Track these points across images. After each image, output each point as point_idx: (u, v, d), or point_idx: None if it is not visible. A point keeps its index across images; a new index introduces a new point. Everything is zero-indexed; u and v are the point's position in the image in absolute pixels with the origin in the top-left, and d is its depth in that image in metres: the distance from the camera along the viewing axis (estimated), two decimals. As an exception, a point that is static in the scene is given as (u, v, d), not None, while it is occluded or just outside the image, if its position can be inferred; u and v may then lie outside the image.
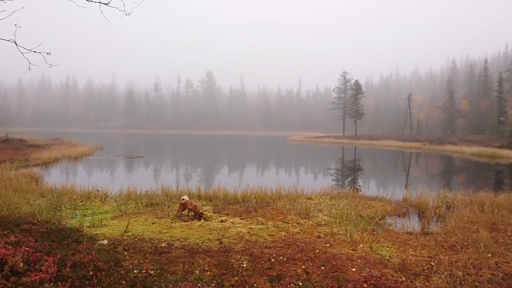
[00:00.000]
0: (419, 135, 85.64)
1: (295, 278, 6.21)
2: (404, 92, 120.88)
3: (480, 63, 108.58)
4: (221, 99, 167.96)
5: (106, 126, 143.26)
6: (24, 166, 25.17)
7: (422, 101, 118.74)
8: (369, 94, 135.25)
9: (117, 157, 36.58)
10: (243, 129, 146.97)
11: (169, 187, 14.84)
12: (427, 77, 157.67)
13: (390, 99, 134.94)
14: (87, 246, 7.38)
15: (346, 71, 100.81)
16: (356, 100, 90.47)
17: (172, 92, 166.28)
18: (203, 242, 8.28)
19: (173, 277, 6.04)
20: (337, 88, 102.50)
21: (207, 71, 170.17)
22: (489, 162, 38.94)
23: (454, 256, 7.57)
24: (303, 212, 11.63)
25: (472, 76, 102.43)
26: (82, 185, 15.31)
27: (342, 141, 76.01)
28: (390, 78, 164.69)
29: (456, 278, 6.32)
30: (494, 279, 6.36)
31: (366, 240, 8.80)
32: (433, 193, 14.98)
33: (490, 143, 55.08)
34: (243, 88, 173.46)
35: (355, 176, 28.70)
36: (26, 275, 5.13)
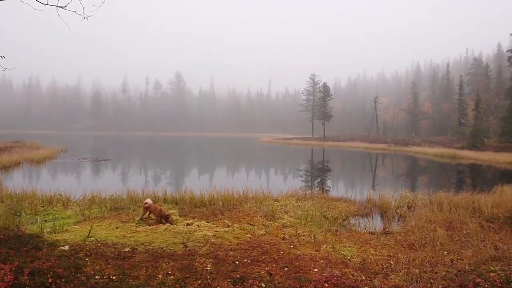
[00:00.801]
0: (385, 136, 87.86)
1: (258, 279, 6.28)
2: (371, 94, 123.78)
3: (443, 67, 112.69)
4: (191, 100, 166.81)
5: (72, 128, 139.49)
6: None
7: (388, 103, 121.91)
8: (337, 96, 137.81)
9: (82, 160, 35.67)
10: (213, 130, 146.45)
11: (134, 191, 14.62)
12: (393, 80, 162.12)
13: (358, 101, 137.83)
14: (47, 253, 7.20)
15: (314, 74, 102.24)
16: (325, 102, 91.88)
17: (140, 93, 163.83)
18: (168, 246, 8.23)
19: (135, 282, 5.99)
20: (306, 91, 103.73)
21: (176, 72, 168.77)
22: (451, 163, 40.43)
23: (412, 254, 7.86)
24: (269, 214, 11.72)
25: (435, 79, 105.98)
26: (44, 190, 14.85)
27: (311, 143, 76.97)
28: (357, 80, 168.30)
29: (412, 276, 6.57)
30: (448, 275, 6.63)
31: (329, 240, 8.98)
32: (395, 193, 15.42)
33: (451, 144, 57.21)
34: (213, 90, 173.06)
35: (324, 177, 29.15)
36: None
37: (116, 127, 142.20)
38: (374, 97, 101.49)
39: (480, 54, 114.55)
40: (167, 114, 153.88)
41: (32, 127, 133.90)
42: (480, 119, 54.92)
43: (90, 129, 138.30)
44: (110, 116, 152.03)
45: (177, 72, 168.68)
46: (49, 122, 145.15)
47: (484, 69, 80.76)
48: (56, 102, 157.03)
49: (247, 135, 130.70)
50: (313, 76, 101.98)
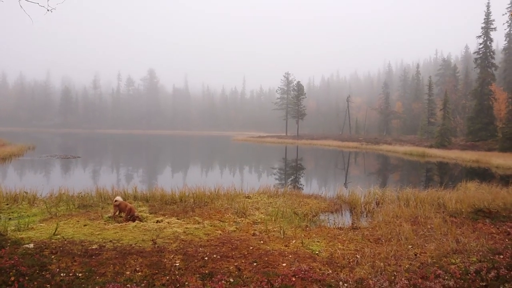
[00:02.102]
0: (357, 135, 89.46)
1: (227, 275, 6.32)
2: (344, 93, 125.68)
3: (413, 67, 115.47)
4: (164, 98, 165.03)
5: (40, 125, 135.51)
6: None
7: (361, 102, 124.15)
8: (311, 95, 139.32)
9: (50, 157, 34.75)
10: (187, 128, 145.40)
11: (104, 188, 14.38)
12: (366, 80, 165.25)
13: (331, 100, 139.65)
14: (10, 251, 7.02)
15: (288, 72, 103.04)
16: (298, 101, 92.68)
17: (112, 90, 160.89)
18: (137, 243, 8.15)
19: (102, 279, 5.93)
20: (280, 89, 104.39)
21: (150, 69, 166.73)
22: (420, 161, 41.54)
23: (378, 248, 8.07)
24: (240, 211, 11.78)
25: (406, 79, 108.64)
26: (8, 187, 14.39)
27: (285, 141, 77.48)
28: (331, 80, 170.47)
29: (377, 268, 6.74)
30: (411, 268, 6.85)
31: (298, 236, 9.11)
32: (365, 190, 15.75)
33: (421, 143, 58.86)
34: (187, 87, 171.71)
35: (297, 175, 29.41)
36: None
37: (86, 125, 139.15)
38: (347, 97, 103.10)
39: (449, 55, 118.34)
40: (139, 112, 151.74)
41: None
42: (448, 118, 56.69)
43: (60, 127, 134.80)
44: (80, 113, 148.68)
45: (150, 69, 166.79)
46: (16, 119, 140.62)
47: (452, 70, 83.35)
48: (23, 98, 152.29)
49: (221, 133, 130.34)
50: (287, 75, 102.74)
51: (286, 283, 5.94)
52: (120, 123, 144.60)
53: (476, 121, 54.79)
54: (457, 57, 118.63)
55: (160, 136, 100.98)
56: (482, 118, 54.26)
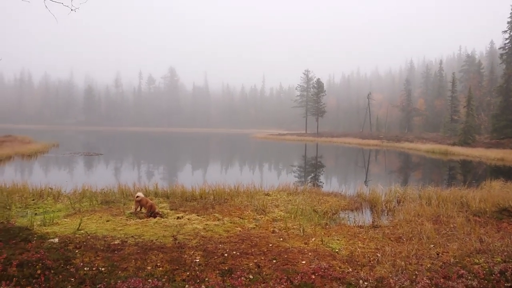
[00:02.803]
0: (378, 133, 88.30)
1: (247, 271, 6.35)
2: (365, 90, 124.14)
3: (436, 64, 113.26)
4: (184, 96, 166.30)
5: (64, 123, 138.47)
6: (-27, 164, 24.03)
7: (382, 99, 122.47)
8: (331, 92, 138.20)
9: (74, 154, 35.52)
10: (207, 126, 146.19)
11: (126, 185, 14.63)
12: (387, 77, 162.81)
13: (351, 97, 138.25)
14: (37, 245, 7.22)
15: (308, 70, 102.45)
16: (318, 98, 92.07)
17: (133, 88, 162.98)
18: (158, 239, 8.27)
19: (124, 274, 6.03)
20: (300, 86, 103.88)
21: (170, 67, 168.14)
22: (442, 159, 40.76)
23: (399, 247, 7.97)
24: (260, 208, 11.82)
25: (428, 76, 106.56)
26: (34, 183, 14.82)
27: (305, 139, 77.14)
28: (351, 77, 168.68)
29: (398, 267, 6.67)
30: (433, 267, 6.75)
31: (318, 234, 9.08)
32: (385, 188, 15.57)
33: (443, 141, 57.70)
34: (206, 85, 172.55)
35: (316, 173, 29.29)
36: (-32, 275, 5.00)
37: (108, 123, 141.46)
38: (367, 94, 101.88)
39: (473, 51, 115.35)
40: (160, 110, 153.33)
41: (24, 122, 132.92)
42: (472, 116, 55.37)
43: (82, 124, 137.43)
44: (102, 111, 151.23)
45: (171, 67, 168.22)
46: (41, 117, 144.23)
47: (477, 66, 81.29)
48: (48, 97, 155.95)
49: (241, 131, 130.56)
50: (307, 72, 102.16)
51: (305, 280, 5.94)
52: (141, 121, 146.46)
53: (501, 118, 53.31)
54: (482, 53, 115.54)
55: (180, 134, 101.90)
56: (508, 115, 52.74)
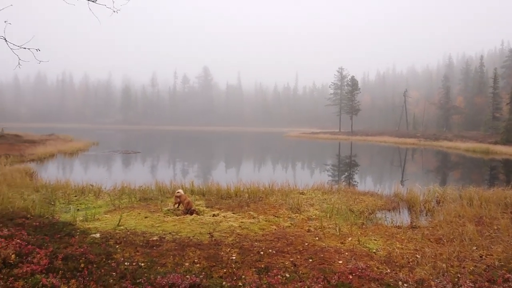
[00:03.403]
0: (415, 131, 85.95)
1: (283, 270, 6.36)
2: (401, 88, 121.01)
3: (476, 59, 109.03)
4: (218, 95, 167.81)
5: (103, 122, 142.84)
6: (19, 161, 25.19)
7: (418, 97, 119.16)
8: (365, 90, 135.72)
9: (112, 152, 36.62)
10: (240, 125, 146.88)
11: (163, 182, 14.96)
12: (424, 73, 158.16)
13: (387, 95, 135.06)
14: (80, 240, 7.50)
15: (342, 67, 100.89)
16: (352, 96, 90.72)
17: (169, 88, 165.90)
18: (195, 236, 8.41)
19: (163, 269, 6.17)
20: (333, 84, 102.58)
21: (204, 67, 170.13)
22: (483, 158, 39.23)
23: (439, 249, 7.75)
24: (294, 207, 11.78)
25: (468, 72, 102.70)
26: (76, 180, 15.42)
27: (338, 137, 76.21)
28: (387, 74, 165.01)
29: (439, 269, 6.48)
30: (476, 270, 6.52)
31: (354, 233, 8.96)
32: (423, 188, 15.16)
33: (484, 139, 55.45)
34: (240, 84, 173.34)
35: (351, 172, 28.89)
36: (18, 266, 5.25)
37: (145, 121, 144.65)
38: (404, 91, 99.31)
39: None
40: (194, 109, 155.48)
41: (66, 121, 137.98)
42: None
43: (120, 123, 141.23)
44: (139, 110, 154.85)
45: (205, 66, 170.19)
46: (82, 116, 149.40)
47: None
48: (88, 97, 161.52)
49: (274, 129, 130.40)
50: (341, 70, 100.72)
51: (343, 280, 5.87)
52: (176, 119, 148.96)
53: (547, 116, 50.71)
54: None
55: (214, 132, 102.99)
56: (555, 112, 50.13)
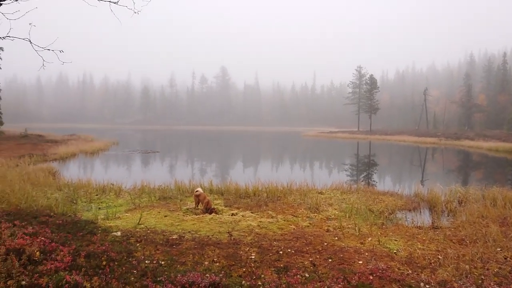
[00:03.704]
0: (435, 130, 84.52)
1: (302, 269, 6.33)
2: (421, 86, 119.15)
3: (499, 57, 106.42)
4: (236, 94, 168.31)
5: (122, 122, 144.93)
6: (42, 160, 25.79)
7: (439, 95, 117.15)
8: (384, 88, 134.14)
9: (132, 152, 37.12)
10: (258, 124, 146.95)
11: (182, 182, 15.09)
12: (444, 71, 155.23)
13: (406, 93, 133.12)
14: (101, 238, 7.62)
15: (361, 66, 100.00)
16: (371, 95, 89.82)
17: (187, 88, 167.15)
18: (214, 235, 8.46)
19: (182, 268, 6.22)
20: (352, 83, 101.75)
21: (222, 67, 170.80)
22: (507, 157, 38.31)
23: (462, 250, 7.60)
24: (313, 206, 11.73)
25: (490, 70, 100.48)
26: (97, 179, 15.70)
27: (357, 136, 75.53)
28: (406, 72, 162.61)
29: (462, 271, 6.36)
30: (501, 272, 6.38)
31: (374, 234, 8.86)
32: (445, 188, 14.89)
33: (508, 138, 54.15)
34: (257, 84, 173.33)
35: (370, 172, 28.60)
36: (42, 263, 5.36)
37: (164, 121, 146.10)
38: (423, 90, 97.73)
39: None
40: (212, 108, 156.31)
41: (86, 121, 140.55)
42: (541, 111, 51.55)
43: (140, 123, 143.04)
44: (158, 110, 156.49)
45: (223, 66, 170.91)
46: (102, 117, 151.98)
47: (546, 58, 75.54)
48: (108, 98, 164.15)
49: (291, 129, 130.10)
50: (359, 68, 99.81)
51: (363, 281, 5.81)
52: (195, 119, 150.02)
53: None
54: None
55: (231, 132, 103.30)
56: None
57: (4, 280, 4.63)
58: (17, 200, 10.62)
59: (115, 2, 5.27)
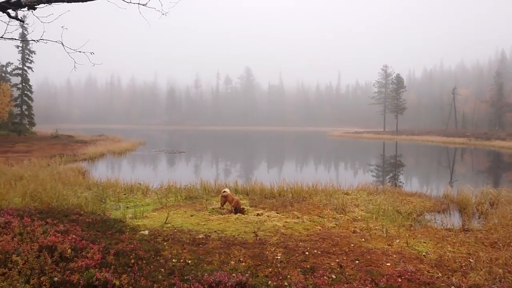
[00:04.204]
0: (464, 130, 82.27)
1: (329, 271, 6.28)
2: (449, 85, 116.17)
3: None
4: (260, 95, 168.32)
5: (149, 123, 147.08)
6: (72, 160, 26.50)
7: (468, 94, 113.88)
8: (411, 88, 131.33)
9: (158, 152, 37.69)
10: (282, 125, 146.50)
11: (207, 181, 15.21)
12: (474, 70, 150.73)
13: (434, 93, 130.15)
14: (129, 236, 7.75)
15: (387, 65, 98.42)
16: (398, 95, 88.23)
17: (211, 88, 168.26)
18: (239, 235, 8.48)
19: (209, 267, 6.26)
20: (377, 83, 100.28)
21: (246, 67, 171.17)
22: (541, 158, 36.95)
23: (494, 253, 7.36)
24: (339, 207, 11.61)
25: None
26: (125, 179, 16.01)
27: (383, 137, 74.36)
28: (434, 71, 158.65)
29: (495, 275, 6.16)
30: (536, 277, 6.14)
31: (402, 235, 8.70)
32: (476, 189, 14.47)
33: (542, 138, 52.19)
34: (281, 84, 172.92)
35: (396, 172, 28.11)
36: (74, 260, 5.50)
37: (189, 122, 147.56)
38: (452, 89, 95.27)
39: None
40: (237, 109, 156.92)
41: (114, 122, 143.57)
42: None
43: (166, 124, 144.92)
44: (183, 111, 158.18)
45: (247, 67, 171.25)
46: (129, 117, 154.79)
47: None
48: (134, 99, 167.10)
49: (316, 129, 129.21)
50: (385, 68, 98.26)
51: (391, 283, 5.71)
52: (219, 120, 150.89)
53: None
54: None
55: (256, 132, 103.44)
56: None
57: (38, 276, 4.76)
58: (49, 198, 10.95)
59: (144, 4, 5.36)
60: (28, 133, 50.39)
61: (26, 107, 52.86)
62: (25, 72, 52.01)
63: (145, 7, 5.38)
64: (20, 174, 16.01)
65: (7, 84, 49.61)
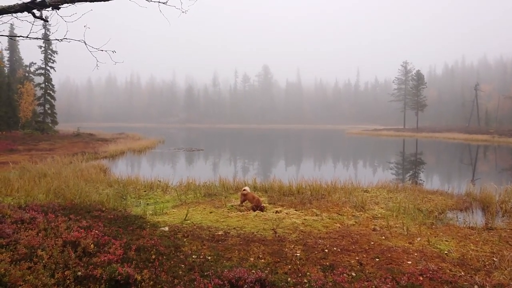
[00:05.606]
0: (487, 127, 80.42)
1: (349, 268, 6.24)
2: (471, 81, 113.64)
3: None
4: (278, 92, 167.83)
5: (167, 121, 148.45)
6: (94, 158, 26.96)
7: (491, 90, 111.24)
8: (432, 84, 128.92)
9: (177, 150, 38.03)
10: (300, 122, 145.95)
11: (226, 179, 15.29)
12: (497, 65, 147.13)
13: (455, 89, 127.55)
14: (150, 232, 7.86)
15: (406, 61, 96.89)
16: (418, 91, 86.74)
17: (229, 86, 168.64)
18: (258, 232, 8.50)
19: (229, 263, 6.29)
20: (397, 79, 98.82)
21: (264, 65, 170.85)
22: None
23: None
24: (358, 205, 11.51)
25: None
26: (145, 176, 16.23)
27: (403, 134, 73.32)
28: (455, 67, 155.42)
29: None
30: None
31: (423, 233, 8.57)
32: (499, 187, 14.14)
33: None
34: (299, 81, 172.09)
35: (416, 170, 27.70)
36: (96, 255, 5.61)
37: (207, 120, 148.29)
38: (474, 85, 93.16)
39: None
40: (255, 107, 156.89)
41: (134, 121, 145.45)
42: None
43: (184, 122, 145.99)
44: (201, 109, 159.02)
45: (265, 65, 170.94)
46: (148, 116, 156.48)
47: None
48: (153, 97, 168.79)
49: (334, 126, 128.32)
50: (405, 64, 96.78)
51: (413, 281, 5.64)
52: (237, 118, 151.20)
53: None
54: None
55: (274, 130, 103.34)
56: None
57: (62, 270, 4.87)
58: (71, 195, 11.19)
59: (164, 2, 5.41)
60: (51, 131, 51.46)
61: (49, 106, 53.95)
62: (47, 71, 53.04)
63: (165, 5, 5.43)
64: (44, 172, 16.40)
65: (30, 84, 50.79)
